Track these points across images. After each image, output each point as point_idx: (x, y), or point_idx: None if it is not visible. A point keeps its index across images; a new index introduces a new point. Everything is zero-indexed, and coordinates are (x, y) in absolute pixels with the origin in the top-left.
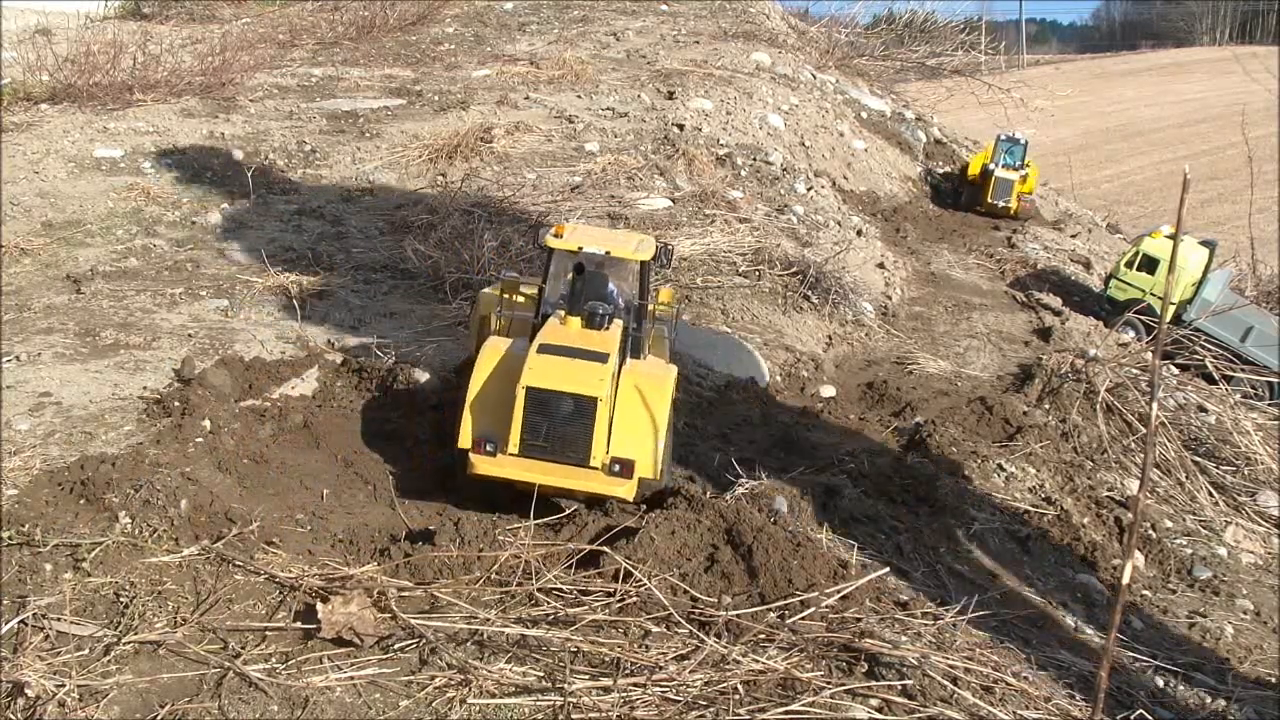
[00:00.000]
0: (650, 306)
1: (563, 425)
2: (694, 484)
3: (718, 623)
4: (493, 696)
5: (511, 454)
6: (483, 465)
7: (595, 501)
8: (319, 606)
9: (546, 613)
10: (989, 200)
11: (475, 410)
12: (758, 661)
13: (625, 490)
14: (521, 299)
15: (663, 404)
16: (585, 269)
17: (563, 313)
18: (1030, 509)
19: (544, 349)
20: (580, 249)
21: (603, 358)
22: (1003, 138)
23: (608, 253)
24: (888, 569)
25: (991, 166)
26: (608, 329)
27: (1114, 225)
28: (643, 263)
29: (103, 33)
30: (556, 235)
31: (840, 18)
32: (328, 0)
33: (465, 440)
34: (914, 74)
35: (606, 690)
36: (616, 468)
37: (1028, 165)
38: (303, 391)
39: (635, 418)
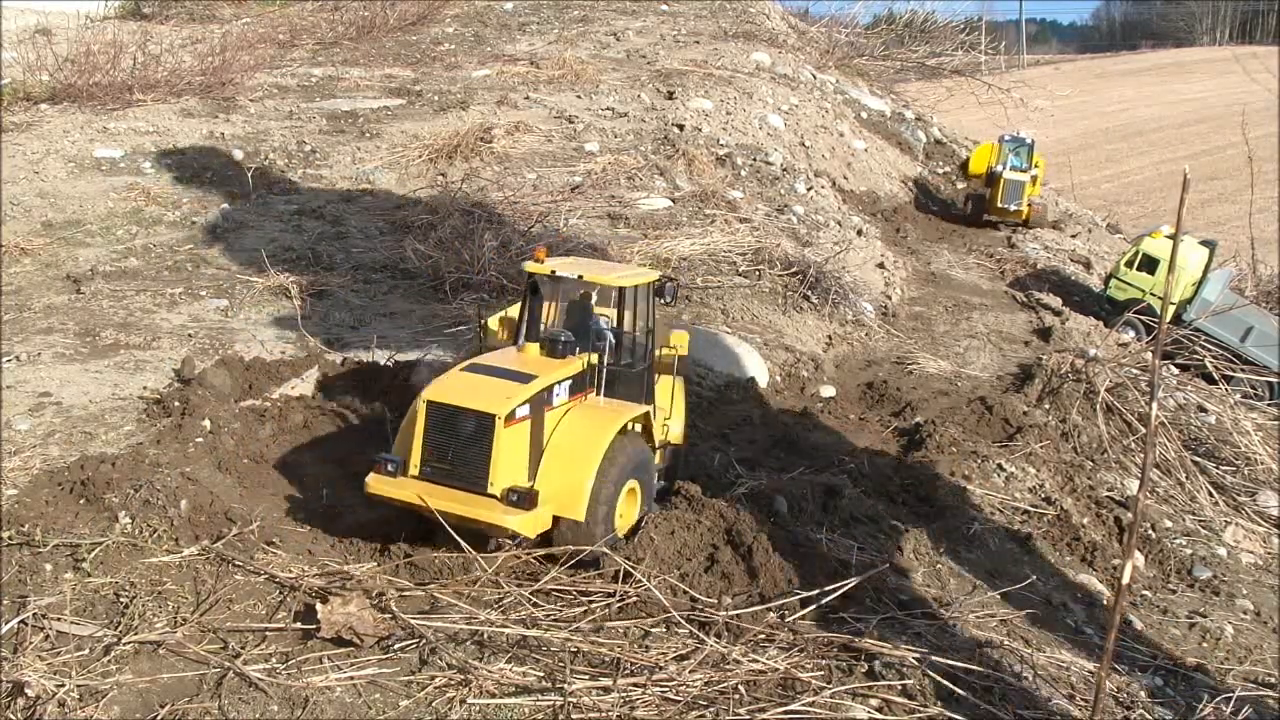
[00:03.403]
0: (653, 346)
1: (464, 446)
2: (694, 484)
3: (718, 623)
4: (493, 696)
5: (412, 475)
6: (377, 484)
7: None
8: (319, 607)
9: (547, 613)
10: (998, 205)
11: (401, 430)
12: (758, 661)
13: (520, 523)
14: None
15: (600, 443)
16: (540, 291)
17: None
18: (1030, 509)
19: (469, 368)
20: (554, 272)
21: (526, 379)
22: (1007, 138)
23: (580, 276)
24: (888, 568)
25: (999, 169)
26: (568, 358)
27: (1114, 225)
28: (620, 290)
29: (103, 33)
30: (537, 260)
31: (840, 18)
32: (328, 0)
33: None
34: (914, 74)
35: (606, 690)
36: (514, 497)
37: (1036, 165)
38: (303, 391)
39: (568, 452)
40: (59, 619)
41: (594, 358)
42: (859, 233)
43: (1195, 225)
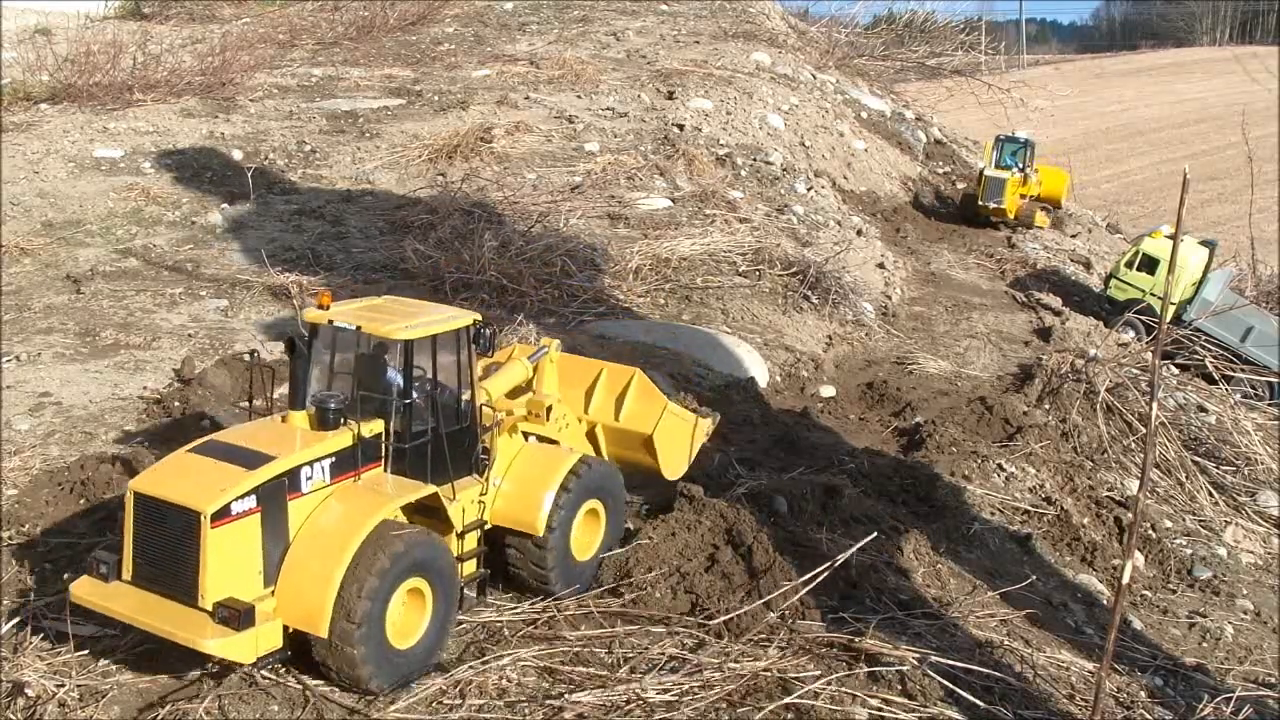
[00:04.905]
0: (473, 406)
1: (172, 548)
2: (694, 484)
3: (717, 623)
4: (493, 697)
5: (126, 579)
6: (80, 590)
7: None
8: None
9: (547, 613)
10: (979, 202)
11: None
12: (758, 661)
13: (226, 648)
14: None
15: (351, 539)
16: (296, 348)
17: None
18: (1030, 509)
19: (200, 446)
20: (330, 322)
21: (256, 461)
22: (1003, 138)
23: (359, 328)
24: (887, 567)
25: (981, 165)
26: (339, 427)
27: (1114, 225)
28: (405, 344)
29: (103, 33)
30: (321, 306)
31: (840, 18)
32: (328, 0)
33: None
34: (914, 74)
35: (606, 690)
36: (224, 615)
37: (1036, 168)
38: None
39: (311, 552)
40: (59, 619)
41: (377, 426)
42: (859, 233)
43: (1195, 225)
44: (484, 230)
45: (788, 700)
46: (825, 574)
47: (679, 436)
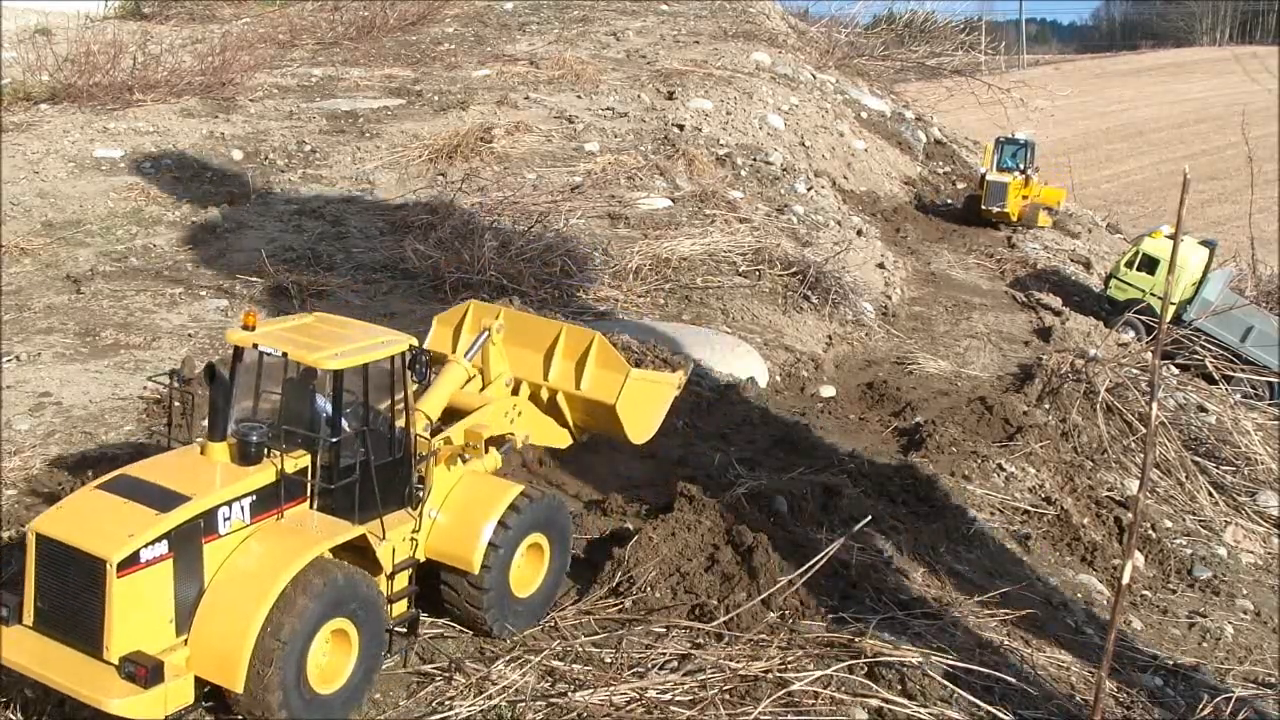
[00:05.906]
0: (409, 435)
1: (76, 595)
2: (694, 484)
3: (717, 623)
4: (492, 697)
5: (27, 624)
6: None
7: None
8: None
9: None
10: (983, 206)
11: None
12: (758, 661)
13: (132, 707)
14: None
15: (270, 588)
16: (217, 375)
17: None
18: (1030, 509)
19: (110, 483)
20: (255, 345)
21: (170, 503)
22: (1003, 139)
23: (285, 354)
24: (887, 567)
25: (982, 170)
26: (261, 462)
27: (1114, 225)
28: (335, 374)
29: (103, 33)
30: (246, 327)
31: (840, 18)
32: (328, 0)
33: None
34: (914, 74)
35: (607, 689)
36: (130, 671)
37: (1037, 168)
38: None
39: (227, 600)
40: None
41: (302, 459)
42: (859, 233)
43: (1195, 225)
44: (484, 230)
45: (787, 700)
46: (820, 566)
47: (645, 401)
